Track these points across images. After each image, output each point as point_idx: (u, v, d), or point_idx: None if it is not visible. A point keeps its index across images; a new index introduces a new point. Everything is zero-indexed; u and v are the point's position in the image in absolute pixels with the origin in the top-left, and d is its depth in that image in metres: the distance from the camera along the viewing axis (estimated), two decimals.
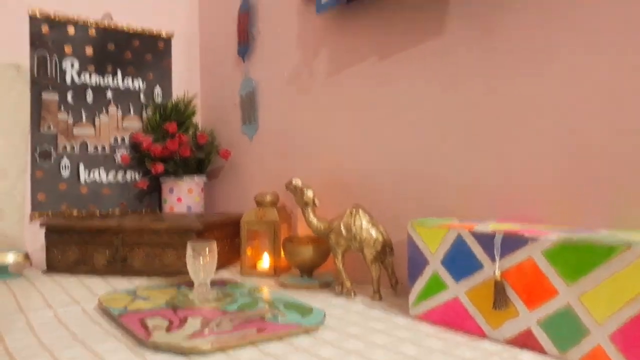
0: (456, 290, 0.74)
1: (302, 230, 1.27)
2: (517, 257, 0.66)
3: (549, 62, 0.79)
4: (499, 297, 0.67)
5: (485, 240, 0.70)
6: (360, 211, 0.96)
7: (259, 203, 1.21)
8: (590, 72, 0.74)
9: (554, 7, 0.78)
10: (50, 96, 1.49)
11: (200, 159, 1.54)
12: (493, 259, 0.69)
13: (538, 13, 0.80)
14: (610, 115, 0.72)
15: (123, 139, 1.58)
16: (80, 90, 1.53)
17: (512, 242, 0.67)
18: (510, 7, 0.83)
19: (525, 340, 0.66)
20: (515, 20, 0.83)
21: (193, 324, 0.74)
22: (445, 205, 0.95)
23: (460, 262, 0.74)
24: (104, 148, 1.56)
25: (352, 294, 0.95)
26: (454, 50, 0.93)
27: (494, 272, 0.68)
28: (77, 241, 1.21)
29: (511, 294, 0.67)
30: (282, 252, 1.13)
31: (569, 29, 0.76)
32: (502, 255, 0.68)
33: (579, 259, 0.60)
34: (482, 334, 0.71)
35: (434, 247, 0.77)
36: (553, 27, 0.78)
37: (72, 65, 1.52)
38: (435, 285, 0.77)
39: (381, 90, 1.07)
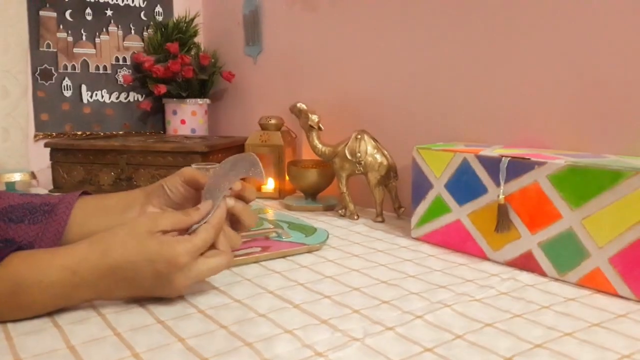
0: (459, 213, 0.75)
1: (306, 154, 1.26)
2: (523, 181, 0.66)
3: None
4: (502, 220, 0.68)
5: (491, 165, 0.70)
6: (366, 136, 0.95)
7: (264, 127, 1.20)
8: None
9: None
10: (48, 14, 1.44)
11: (203, 81, 1.51)
12: (498, 184, 0.69)
13: None
14: (621, 44, 0.69)
15: (125, 59, 1.55)
16: (79, 8, 1.48)
17: (518, 167, 0.66)
18: None
19: (525, 262, 0.67)
20: None
21: None
22: (452, 131, 0.94)
23: (464, 186, 0.74)
24: (105, 68, 1.53)
25: (355, 216, 0.97)
26: None
27: (498, 196, 0.68)
28: (82, 161, 1.21)
29: (514, 217, 0.67)
30: (287, 176, 1.14)
31: None
32: (508, 179, 0.68)
33: (585, 183, 0.60)
34: (482, 256, 0.72)
35: (439, 171, 0.77)
36: None
37: None
38: (438, 209, 0.78)
39: (390, 11, 1.03)
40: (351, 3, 1.12)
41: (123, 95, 1.55)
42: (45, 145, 1.24)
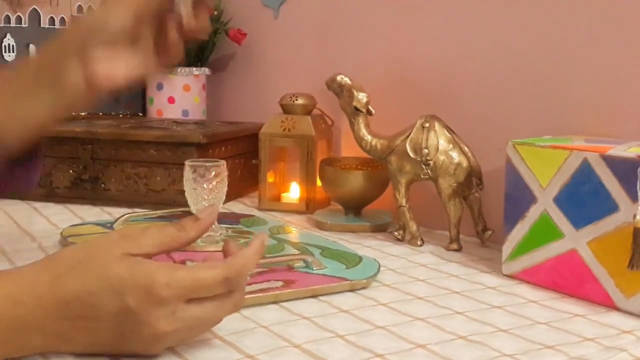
0: (575, 240, 0.74)
1: (348, 149, 1.27)
2: None
3: None
4: (639, 252, 0.67)
5: (624, 170, 0.69)
6: (437, 124, 0.96)
7: (287, 109, 1.21)
8: None
9: None
10: None
11: (202, 42, 1.54)
12: (634, 198, 0.68)
13: None
14: None
15: (91, 9, 1.58)
16: None
17: None
18: None
19: None
20: None
21: None
22: (564, 119, 0.94)
23: (584, 200, 0.73)
24: (63, 21, 1.56)
25: (419, 241, 0.97)
26: None
27: (635, 216, 0.68)
28: None
29: None
30: (319, 180, 1.15)
31: None
32: None
33: None
34: (609, 304, 0.72)
35: (546, 178, 0.77)
36: None
37: None
38: (544, 233, 0.78)
39: None
40: None
41: None
42: None
